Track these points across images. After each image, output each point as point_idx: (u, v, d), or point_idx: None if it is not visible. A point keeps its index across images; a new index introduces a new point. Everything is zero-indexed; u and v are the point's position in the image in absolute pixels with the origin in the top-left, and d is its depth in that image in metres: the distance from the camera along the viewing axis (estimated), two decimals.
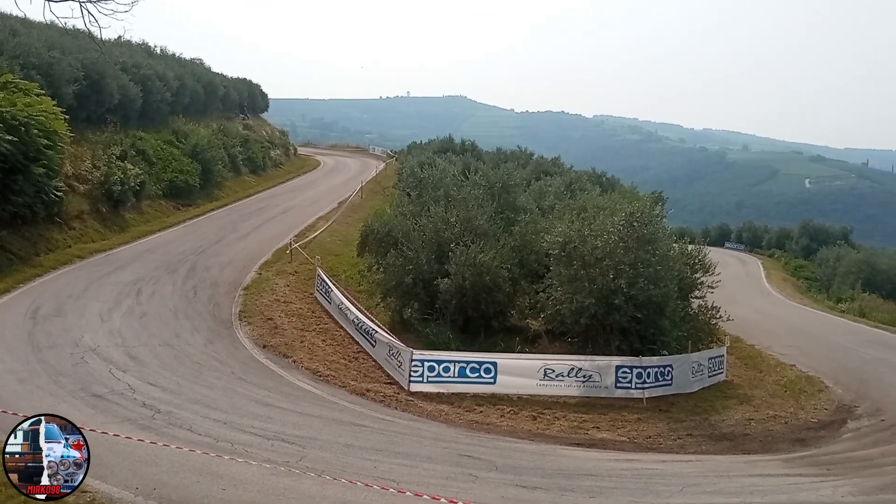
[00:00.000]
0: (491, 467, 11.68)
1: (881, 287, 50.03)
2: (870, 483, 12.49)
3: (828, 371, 23.13)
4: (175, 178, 35.53)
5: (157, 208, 33.43)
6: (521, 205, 24.48)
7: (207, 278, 23.86)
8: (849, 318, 39.81)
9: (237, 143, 47.69)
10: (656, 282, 18.19)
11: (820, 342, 29.31)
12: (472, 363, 17.02)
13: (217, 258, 26.57)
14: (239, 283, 23.64)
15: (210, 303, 21.47)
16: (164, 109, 41.09)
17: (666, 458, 14.29)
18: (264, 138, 56.36)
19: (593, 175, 43.48)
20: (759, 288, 50.81)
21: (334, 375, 17.14)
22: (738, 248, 76.85)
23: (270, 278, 24.22)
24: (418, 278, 20.27)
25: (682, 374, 18.57)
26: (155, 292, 21.67)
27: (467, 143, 55.61)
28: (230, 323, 20.04)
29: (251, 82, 65.23)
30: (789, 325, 34.03)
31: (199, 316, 20.21)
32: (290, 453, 10.87)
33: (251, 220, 34.96)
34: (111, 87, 34.05)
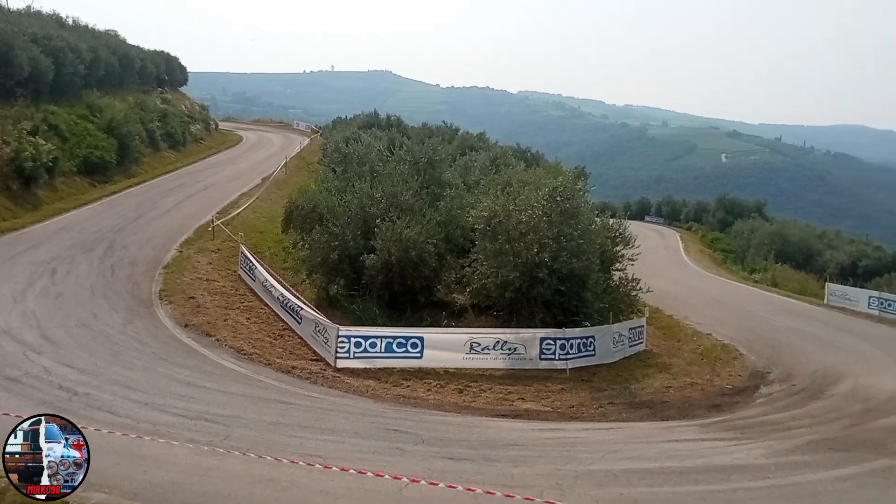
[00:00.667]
0: (418, 440, 11.79)
1: (792, 258, 52.03)
2: (781, 445, 13.07)
3: (742, 339, 24.02)
4: (90, 154, 34.27)
5: (71, 185, 32.23)
6: (446, 180, 24.53)
7: (126, 257, 23.20)
8: (762, 287, 41.32)
9: (155, 117, 46.31)
10: (579, 255, 18.53)
11: (735, 312, 30.36)
12: (399, 338, 17.09)
13: (136, 236, 25.83)
14: (159, 261, 23.07)
15: (129, 282, 20.91)
16: (78, 83, 39.52)
17: (588, 426, 14.66)
18: (184, 113, 54.89)
19: (518, 150, 43.83)
20: (678, 260, 52.15)
21: (259, 353, 16.97)
22: (658, 221, 78.65)
23: (192, 256, 23.73)
24: (344, 254, 20.16)
25: (604, 344, 19.03)
26: (70, 272, 20.97)
27: (393, 119, 55.31)
28: (150, 302, 19.58)
29: (169, 55, 63.27)
30: (706, 295, 35.10)
31: (118, 295, 19.67)
32: (214, 433, 10.73)
33: (171, 196, 34.06)
34: (20, 60, 32.58)
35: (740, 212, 70.34)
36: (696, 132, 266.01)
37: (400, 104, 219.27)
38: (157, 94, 54.05)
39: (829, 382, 19.27)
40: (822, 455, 12.43)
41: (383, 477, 8.83)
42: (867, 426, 15.02)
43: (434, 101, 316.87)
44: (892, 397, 17.82)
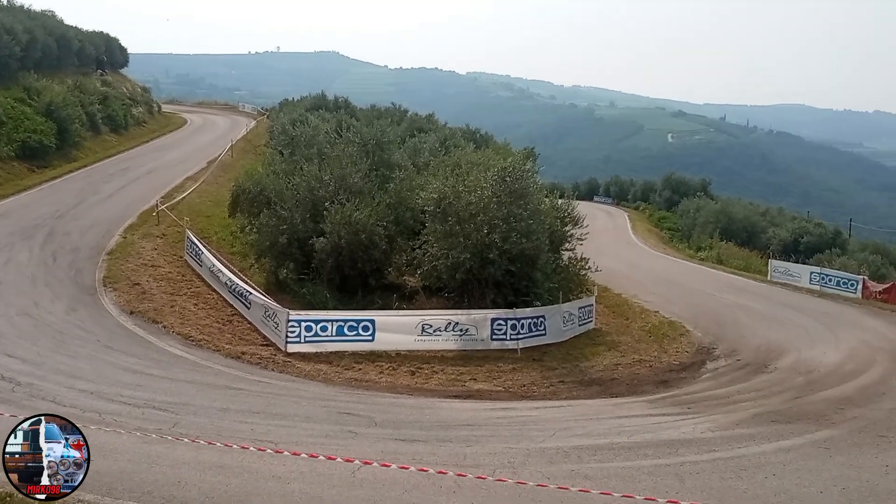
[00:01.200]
0: (370, 423, 11.77)
1: (737, 235, 53.06)
2: (726, 419, 13.38)
3: (688, 316, 24.47)
4: (28, 139, 33.25)
5: (8, 171, 31.27)
6: (395, 162, 24.39)
7: (68, 244, 22.64)
8: (707, 265, 42.12)
9: (95, 100, 45.05)
10: (528, 235, 18.63)
11: (681, 289, 30.91)
12: (350, 322, 17.04)
13: (77, 222, 25.20)
14: (102, 247, 22.57)
15: (71, 269, 20.43)
16: (13, 65, 38.28)
17: (539, 404, 14.82)
18: (125, 95, 53.54)
19: (467, 132, 43.70)
20: (626, 239, 52.80)
21: (207, 340, 16.75)
22: (606, 201, 79.48)
23: (136, 242, 23.25)
24: (293, 238, 19.96)
25: (555, 324, 19.23)
26: (10, 259, 20.40)
27: (340, 100, 54.68)
28: (94, 289, 19.17)
29: (109, 36, 61.64)
30: (653, 273, 35.62)
31: (60, 283, 19.21)
32: (162, 420, 10.56)
33: (114, 181, 33.26)
34: None
35: (686, 191, 71.33)
36: (643, 113, 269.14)
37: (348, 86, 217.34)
38: (96, 77, 52.59)
39: (772, 357, 19.77)
40: (765, 427, 12.75)
41: (335, 460, 8.79)
42: (809, 398, 15.45)
43: (382, 82, 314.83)
44: (833, 370, 18.37)
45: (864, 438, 12.20)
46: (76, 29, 54.06)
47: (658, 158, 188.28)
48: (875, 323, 25.38)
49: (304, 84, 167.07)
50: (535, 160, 27.98)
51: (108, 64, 58.87)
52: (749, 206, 65.41)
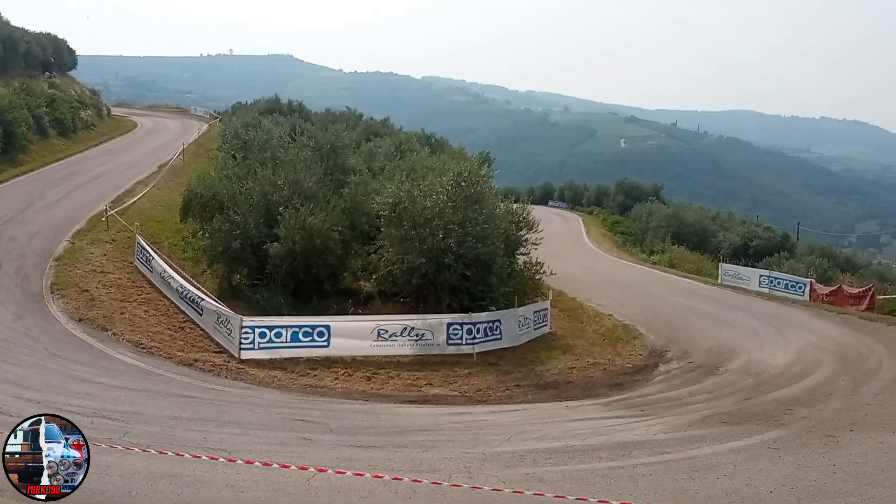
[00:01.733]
0: (325, 430, 11.69)
1: (688, 239, 53.86)
2: (679, 420, 13.58)
3: (642, 319, 24.80)
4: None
5: None
6: (350, 166, 24.30)
7: (13, 249, 22.09)
8: (660, 269, 42.73)
9: (42, 103, 44.02)
10: (484, 240, 18.73)
11: (635, 293, 31.28)
12: (305, 327, 16.91)
13: (24, 227, 24.59)
14: (50, 253, 22.05)
15: (18, 275, 19.93)
16: None
17: (495, 408, 14.87)
18: (73, 98, 52.45)
19: (422, 136, 43.74)
20: (580, 243, 53.26)
21: (159, 347, 16.48)
22: (561, 205, 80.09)
23: (85, 248, 22.76)
24: (246, 243, 19.75)
25: (510, 328, 19.33)
26: None
27: (294, 104, 54.30)
28: (41, 296, 18.73)
29: (56, 37, 60.37)
30: (607, 277, 36.02)
31: (6, 290, 18.74)
32: (112, 430, 10.34)
33: (61, 185, 32.53)
34: None
35: (639, 195, 72.21)
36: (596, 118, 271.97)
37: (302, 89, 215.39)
38: (44, 79, 51.48)
39: (723, 359, 20.11)
40: (717, 429, 12.96)
41: (290, 468, 8.71)
42: (759, 399, 15.75)
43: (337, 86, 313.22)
44: (782, 371, 18.76)
45: (812, 438, 12.47)
46: (22, 30, 52.90)
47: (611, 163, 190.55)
48: (822, 325, 25.98)
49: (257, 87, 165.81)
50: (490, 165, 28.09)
51: (56, 66, 57.71)
52: (700, 211, 66.56)
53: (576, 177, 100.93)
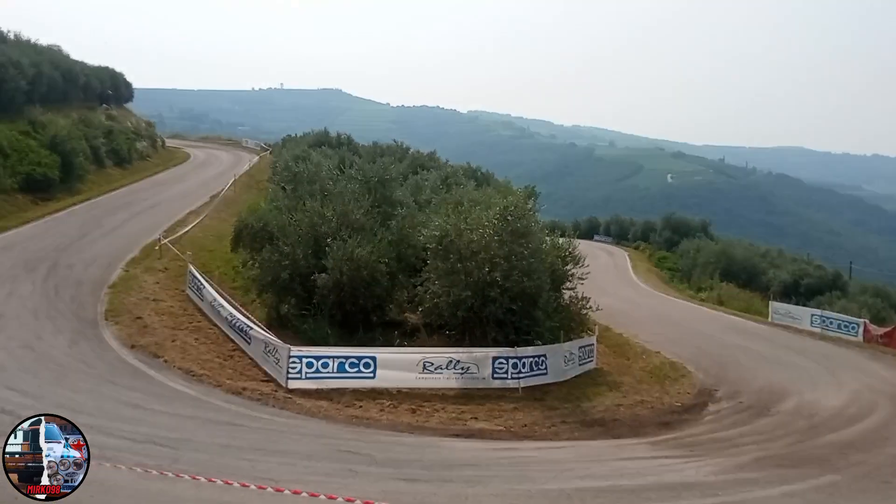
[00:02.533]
0: (371, 462, 11.69)
1: (737, 276, 53.10)
2: (730, 462, 13.31)
3: (690, 357, 24.41)
4: (32, 171, 33.43)
5: (12, 203, 31.39)
6: (397, 199, 24.49)
7: (70, 277, 22.66)
8: (708, 306, 42.16)
9: (100, 133, 45.44)
10: (530, 274, 18.69)
11: (683, 329, 30.87)
12: (352, 358, 16.98)
13: (80, 255, 25.25)
14: (105, 281, 22.58)
15: (73, 302, 20.42)
16: (20, 98, 38.64)
17: (541, 445, 14.73)
18: (129, 129, 53.95)
19: (468, 169, 44.00)
20: (626, 279, 52.84)
21: (209, 375, 16.69)
22: (606, 240, 79.65)
23: (139, 276, 23.27)
24: (295, 273, 19.99)
25: (556, 363, 19.18)
26: (12, 292, 20.40)
27: (343, 137, 55.16)
28: (96, 323, 19.15)
29: (114, 71, 62.29)
30: (654, 313, 35.60)
31: (62, 316, 19.19)
32: (162, 456, 10.50)
33: (117, 215, 33.39)
34: None
35: (686, 231, 71.58)
36: (643, 153, 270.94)
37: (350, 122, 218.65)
38: (101, 111, 53.06)
39: (774, 399, 19.70)
40: (769, 472, 12.68)
41: (336, 499, 8.73)
42: (812, 442, 15.39)
43: (384, 119, 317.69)
44: (836, 414, 18.30)
45: (868, 484, 12.14)
46: (82, 64, 54.65)
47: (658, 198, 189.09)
48: (876, 366, 25.34)
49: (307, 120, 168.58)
50: (535, 199, 28.10)
51: (114, 98, 59.43)
52: (749, 247, 65.57)
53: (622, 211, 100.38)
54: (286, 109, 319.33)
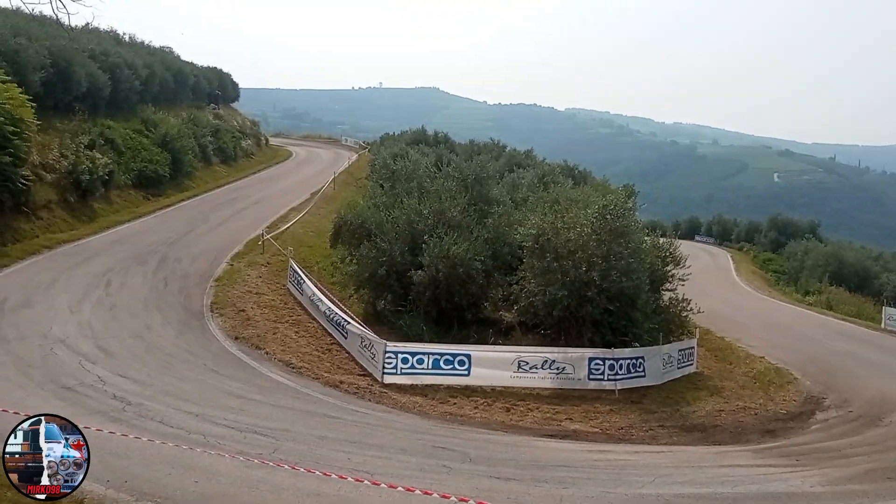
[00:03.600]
0: (465, 458, 11.69)
1: (848, 280, 50.67)
2: (838, 473, 12.68)
3: (796, 363, 23.43)
4: (144, 168, 35.01)
5: (126, 198, 32.94)
6: (494, 197, 24.45)
7: (178, 269, 23.60)
8: (816, 310, 40.33)
9: (208, 132, 47.12)
10: (628, 274, 18.33)
11: (788, 334, 29.67)
12: (446, 355, 17.05)
13: (188, 249, 26.28)
14: (210, 274, 23.41)
15: (181, 294, 21.25)
16: (133, 98, 40.46)
17: (638, 448, 14.42)
18: (235, 128, 55.76)
19: (566, 168, 43.61)
20: (729, 280, 51.28)
21: (307, 367, 17.08)
22: (708, 241, 77.51)
23: (242, 269, 24.03)
24: (392, 270, 20.22)
25: (654, 365, 18.74)
26: (125, 283, 21.39)
27: (440, 135, 55.47)
28: (202, 314, 19.87)
29: (222, 71, 64.48)
30: (758, 317, 34.38)
31: (170, 307, 20.00)
32: (263, 445, 10.79)
33: (222, 210, 34.61)
34: (79, 75, 33.48)
35: (793, 232, 68.95)
36: (748, 151, 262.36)
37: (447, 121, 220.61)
38: (209, 110, 55.03)
39: (886, 409, 18.66)
40: (881, 484, 12.01)
41: (431, 495, 8.77)
42: None
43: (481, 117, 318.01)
44: None
45: None
46: (192, 64, 56.76)
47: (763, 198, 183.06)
48: None
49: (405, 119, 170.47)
50: (635, 198, 27.56)
51: (221, 98, 61.53)
52: (861, 250, 62.46)
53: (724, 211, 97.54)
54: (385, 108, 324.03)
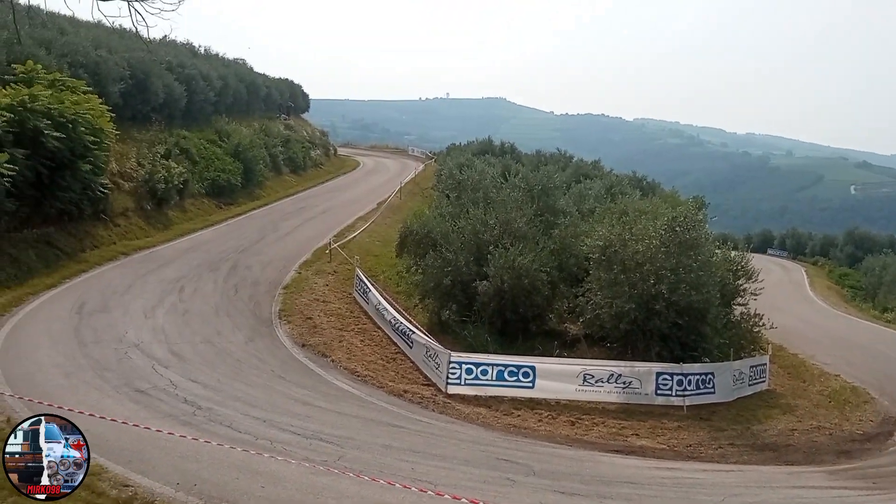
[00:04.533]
0: (529, 472, 11.60)
1: None
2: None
3: (873, 382, 22.63)
4: (217, 177, 35.94)
5: (199, 206, 33.85)
6: (560, 208, 24.27)
7: (248, 277, 24.09)
8: (894, 328, 38.89)
9: (278, 142, 48.13)
10: (698, 288, 17.94)
11: (865, 352, 28.67)
12: (511, 367, 16.94)
13: (258, 257, 26.81)
14: (279, 281, 23.82)
15: (251, 301, 21.67)
16: (208, 109, 41.63)
17: (707, 467, 14.09)
18: (305, 138, 56.78)
19: (634, 179, 43.02)
20: (803, 296, 49.93)
21: (372, 376, 17.19)
22: (781, 254, 75.60)
23: (310, 278, 24.38)
24: (457, 280, 20.22)
25: (724, 382, 18.27)
26: (197, 290, 21.93)
27: (506, 145, 55.43)
28: (270, 321, 20.22)
29: (292, 83, 65.82)
30: (833, 334, 33.35)
31: (240, 314, 20.41)
32: (328, 452, 10.91)
33: (291, 219, 35.23)
34: (156, 87, 34.61)
35: (871, 247, 66.72)
36: (823, 162, 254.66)
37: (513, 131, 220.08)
38: (280, 121, 56.21)
39: None
40: None
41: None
42: None
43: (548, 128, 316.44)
44: None
45: None
46: (264, 76, 58.10)
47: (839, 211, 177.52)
48: None
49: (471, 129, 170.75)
50: (705, 209, 27.03)
51: (292, 109, 62.77)
52: None
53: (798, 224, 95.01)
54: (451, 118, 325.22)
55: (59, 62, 26.94)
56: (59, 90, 23.75)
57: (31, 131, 21.09)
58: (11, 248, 20.99)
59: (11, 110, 20.66)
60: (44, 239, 22.53)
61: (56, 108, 22.18)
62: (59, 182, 22.43)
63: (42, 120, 21.38)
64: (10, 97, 21.19)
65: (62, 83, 24.54)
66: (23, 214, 21.26)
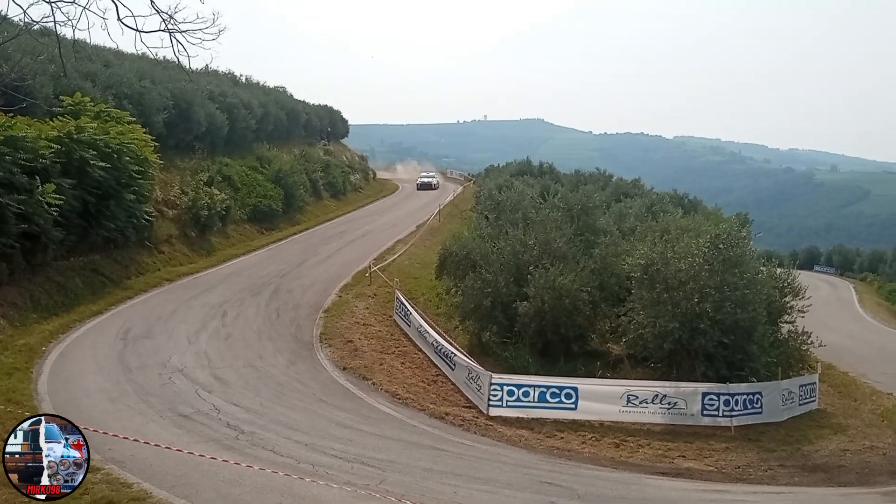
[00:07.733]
0: (573, 495, 11.42)
1: None
2: None
3: None
4: (259, 203, 36.43)
5: (241, 232, 34.31)
6: (600, 227, 24.09)
7: (290, 301, 24.26)
8: None
9: (318, 168, 48.70)
10: (744, 306, 17.60)
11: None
12: (553, 388, 16.75)
13: (299, 281, 27.01)
14: (320, 305, 23.94)
15: (292, 325, 21.80)
16: (249, 136, 42.34)
17: (756, 489, 13.75)
18: (344, 163, 57.39)
19: (675, 197, 42.52)
20: (852, 313, 48.78)
21: (413, 398, 17.11)
22: (828, 271, 74.14)
23: (350, 301, 24.46)
24: (497, 301, 20.13)
25: (772, 401, 17.84)
26: (239, 314, 22.14)
27: (545, 166, 55.33)
28: (311, 345, 20.30)
29: (332, 109, 66.74)
30: (885, 351, 32.45)
31: (282, 338, 20.53)
32: (370, 476, 10.85)
33: (332, 243, 35.49)
34: (199, 116, 35.30)
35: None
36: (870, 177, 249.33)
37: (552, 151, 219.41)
38: (320, 146, 56.94)
39: None
40: None
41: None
42: None
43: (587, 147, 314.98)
44: None
45: None
46: (304, 103, 59.04)
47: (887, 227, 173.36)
48: None
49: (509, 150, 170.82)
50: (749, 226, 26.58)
51: (331, 134, 63.53)
52: None
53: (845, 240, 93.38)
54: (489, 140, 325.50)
55: (105, 94, 27.66)
56: (104, 121, 24.37)
57: (77, 161, 21.63)
58: (59, 275, 21.47)
59: (59, 142, 21.21)
60: (90, 266, 23.01)
61: (102, 139, 22.74)
62: (104, 211, 22.92)
63: (88, 150, 21.92)
64: (57, 129, 21.76)
65: (107, 114, 25.20)
66: (70, 243, 21.72)
